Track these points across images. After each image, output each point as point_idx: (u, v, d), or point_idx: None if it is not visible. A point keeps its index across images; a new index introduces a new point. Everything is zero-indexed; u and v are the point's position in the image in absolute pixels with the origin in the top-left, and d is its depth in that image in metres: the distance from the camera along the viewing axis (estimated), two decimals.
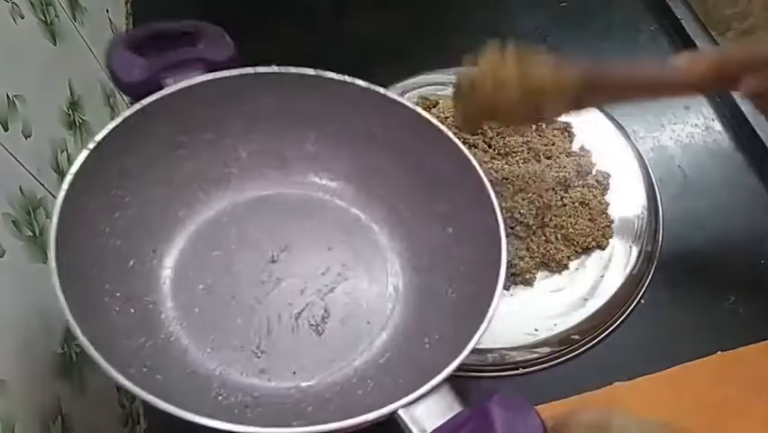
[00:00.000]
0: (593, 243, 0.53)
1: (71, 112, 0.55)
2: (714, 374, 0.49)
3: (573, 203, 0.54)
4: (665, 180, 0.58)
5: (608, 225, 0.54)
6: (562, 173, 0.56)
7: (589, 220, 0.54)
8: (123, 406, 0.52)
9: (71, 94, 0.55)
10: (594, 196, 0.55)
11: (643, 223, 0.55)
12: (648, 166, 0.59)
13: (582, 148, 0.59)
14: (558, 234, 0.53)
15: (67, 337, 0.46)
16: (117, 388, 0.52)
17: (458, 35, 0.70)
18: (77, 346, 0.47)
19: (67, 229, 0.38)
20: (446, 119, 0.57)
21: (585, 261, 0.53)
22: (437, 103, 0.61)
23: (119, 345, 0.40)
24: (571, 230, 0.53)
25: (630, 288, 0.52)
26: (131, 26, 0.75)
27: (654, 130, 0.62)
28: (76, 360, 0.46)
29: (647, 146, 0.61)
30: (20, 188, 0.44)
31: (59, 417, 0.43)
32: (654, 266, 0.54)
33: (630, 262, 0.53)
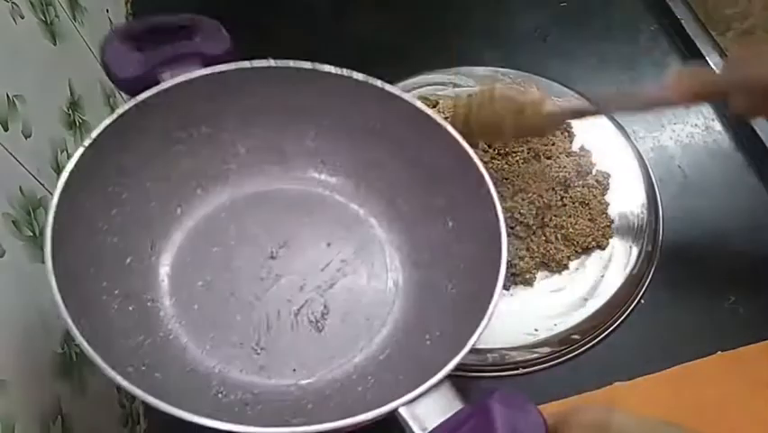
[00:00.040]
0: (593, 243, 0.53)
1: (71, 112, 0.54)
2: (714, 374, 0.49)
3: (573, 203, 0.54)
4: (665, 180, 0.58)
5: (608, 225, 0.54)
6: (562, 173, 0.56)
7: (589, 220, 0.54)
8: (123, 406, 0.52)
9: (71, 94, 0.55)
10: (594, 196, 0.55)
11: (643, 223, 0.55)
12: (648, 166, 0.59)
13: (582, 148, 0.59)
14: (558, 234, 0.53)
15: (67, 337, 0.46)
16: (117, 388, 0.52)
17: (458, 35, 0.70)
18: (76, 346, 0.46)
19: (63, 227, 0.37)
20: (446, 119, 0.57)
21: (585, 261, 0.54)
22: (437, 103, 0.61)
23: (117, 343, 0.39)
24: (571, 230, 0.53)
25: (630, 288, 0.52)
26: None
27: (654, 130, 0.62)
28: (76, 360, 0.46)
29: (647, 146, 0.61)
30: (20, 188, 0.44)
31: (59, 417, 0.43)
32: (654, 266, 0.54)
33: (630, 261, 0.53)
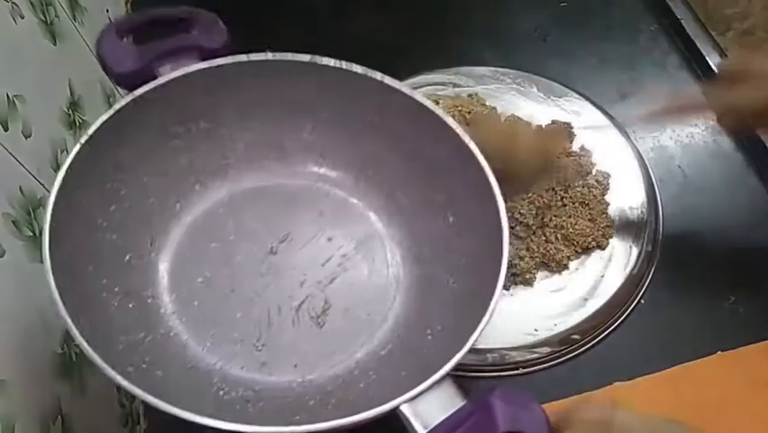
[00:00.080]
0: (593, 243, 0.53)
1: (71, 112, 0.54)
2: (714, 374, 0.49)
3: (573, 203, 0.54)
4: (665, 180, 0.58)
5: (608, 226, 0.54)
6: (561, 173, 0.56)
7: (589, 220, 0.54)
8: (123, 406, 0.52)
9: (71, 94, 0.55)
10: (594, 196, 0.55)
11: (643, 223, 0.55)
12: (648, 166, 0.59)
13: (582, 148, 0.59)
14: (558, 234, 0.53)
15: (67, 337, 0.46)
16: (117, 388, 0.52)
17: (458, 35, 0.70)
18: (76, 346, 0.46)
19: (61, 224, 0.37)
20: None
21: (585, 261, 0.53)
22: (437, 102, 0.61)
23: (118, 341, 0.39)
24: (571, 230, 0.53)
25: (630, 288, 0.52)
26: None
27: (654, 130, 0.62)
28: (76, 360, 0.46)
29: (647, 146, 0.61)
30: (20, 188, 0.44)
31: (59, 417, 0.43)
32: (654, 266, 0.54)
33: (630, 262, 0.53)
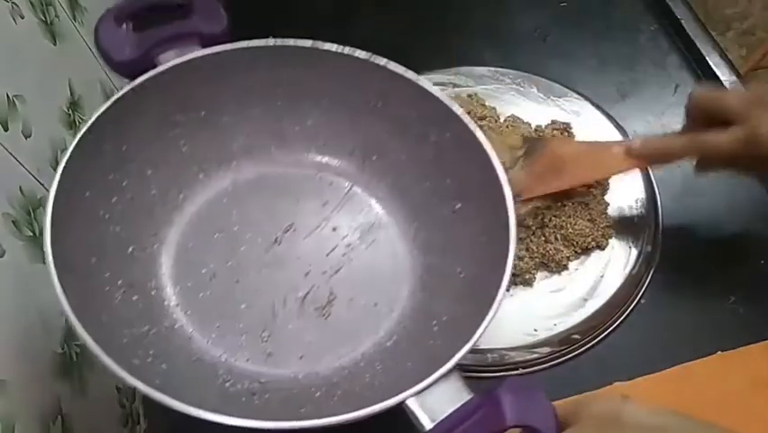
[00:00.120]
0: (593, 243, 0.53)
1: (71, 112, 0.55)
2: (714, 374, 0.49)
3: (573, 203, 0.54)
4: (665, 180, 0.58)
5: (607, 226, 0.54)
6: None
7: (588, 221, 0.54)
8: (123, 406, 0.52)
9: (71, 94, 0.55)
10: (594, 196, 0.55)
11: (642, 223, 0.55)
12: (648, 166, 0.59)
13: None
14: (558, 235, 0.53)
15: (67, 337, 0.46)
16: (117, 388, 0.52)
17: (458, 35, 0.70)
18: (77, 346, 0.47)
19: (63, 217, 0.37)
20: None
21: (585, 261, 0.53)
22: None
23: (122, 335, 0.39)
24: (570, 230, 0.53)
25: (630, 288, 0.52)
26: None
27: (654, 130, 0.62)
28: (76, 360, 0.46)
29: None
30: (20, 188, 0.44)
31: (59, 417, 0.43)
32: (654, 266, 0.54)
33: (630, 262, 0.53)
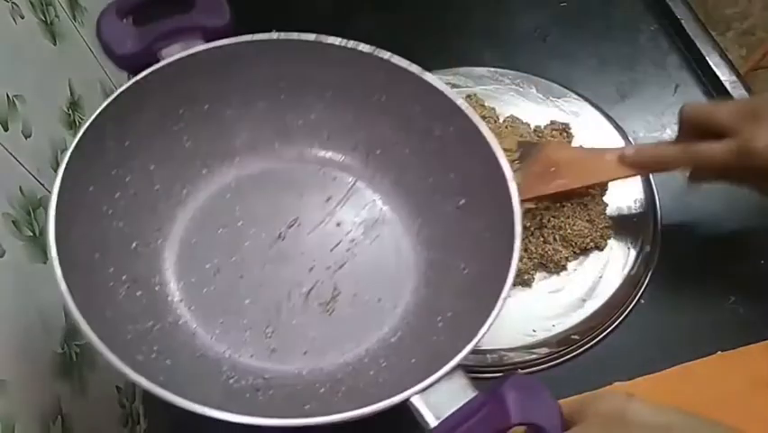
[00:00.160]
0: (591, 243, 0.53)
1: (71, 112, 0.55)
2: (714, 374, 0.49)
3: (572, 204, 0.54)
4: (664, 180, 0.58)
5: (606, 227, 0.54)
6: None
7: (587, 221, 0.53)
8: (123, 406, 0.52)
9: (71, 94, 0.55)
10: (592, 197, 0.54)
11: (641, 223, 0.55)
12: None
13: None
14: (556, 235, 0.53)
15: (67, 337, 0.46)
16: (117, 388, 0.52)
17: (458, 35, 0.70)
18: (77, 346, 0.47)
19: (67, 212, 0.36)
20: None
21: (583, 261, 0.53)
22: None
23: (126, 331, 0.39)
24: (569, 231, 0.53)
25: (629, 288, 0.52)
26: None
27: (655, 130, 0.62)
28: (76, 360, 0.46)
29: (650, 142, 0.61)
30: (20, 188, 0.44)
31: (59, 417, 0.43)
32: (654, 267, 0.54)
33: (628, 262, 0.53)
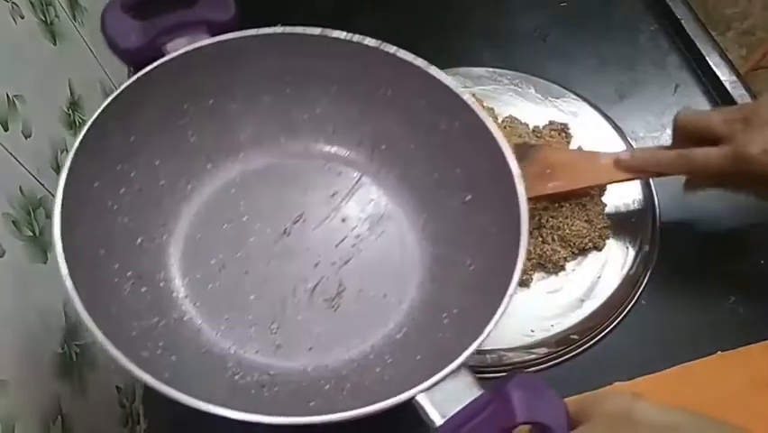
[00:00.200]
0: (590, 244, 0.53)
1: (71, 112, 0.55)
2: (714, 374, 0.49)
3: (570, 204, 0.54)
4: (663, 180, 0.58)
5: (604, 227, 0.54)
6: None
7: (585, 221, 0.53)
8: (123, 406, 0.52)
9: (71, 94, 0.55)
10: (591, 197, 0.54)
11: (640, 223, 0.55)
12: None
13: (580, 149, 0.58)
14: (555, 236, 0.53)
15: (67, 337, 0.46)
16: (117, 388, 0.52)
17: (458, 35, 0.70)
18: (77, 346, 0.47)
19: (72, 209, 0.36)
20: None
21: (582, 262, 0.53)
22: None
23: (131, 327, 0.38)
24: (567, 231, 0.53)
25: (627, 288, 0.52)
26: None
27: (654, 130, 0.62)
28: (76, 360, 0.46)
29: (646, 146, 0.61)
30: (20, 188, 0.44)
31: (59, 417, 0.43)
32: (653, 267, 0.54)
33: (627, 262, 0.53)
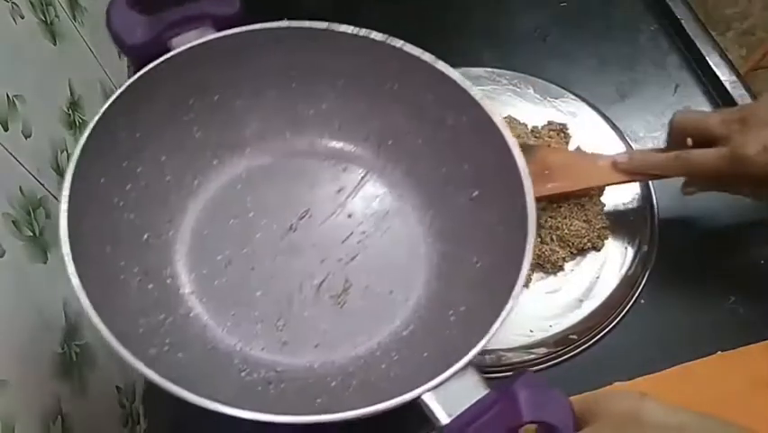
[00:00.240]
0: (588, 244, 0.53)
1: (71, 112, 0.55)
2: (714, 374, 0.49)
3: (569, 204, 0.54)
4: (662, 180, 0.58)
5: (603, 227, 0.54)
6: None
7: (584, 221, 0.53)
8: (123, 406, 0.52)
9: (71, 94, 0.55)
10: (590, 197, 0.54)
11: (638, 223, 0.55)
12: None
13: (579, 149, 0.58)
14: (553, 236, 0.53)
15: (67, 337, 0.46)
16: (117, 388, 0.52)
17: (458, 35, 0.70)
18: (77, 346, 0.47)
19: (78, 206, 0.36)
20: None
21: (580, 262, 0.53)
22: None
23: (138, 324, 0.38)
24: (566, 231, 0.53)
25: (626, 288, 0.52)
26: None
27: (654, 130, 0.62)
28: (76, 360, 0.46)
29: (645, 146, 0.61)
30: (20, 188, 0.44)
31: (59, 417, 0.43)
32: (652, 266, 0.54)
33: (626, 263, 0.53)
